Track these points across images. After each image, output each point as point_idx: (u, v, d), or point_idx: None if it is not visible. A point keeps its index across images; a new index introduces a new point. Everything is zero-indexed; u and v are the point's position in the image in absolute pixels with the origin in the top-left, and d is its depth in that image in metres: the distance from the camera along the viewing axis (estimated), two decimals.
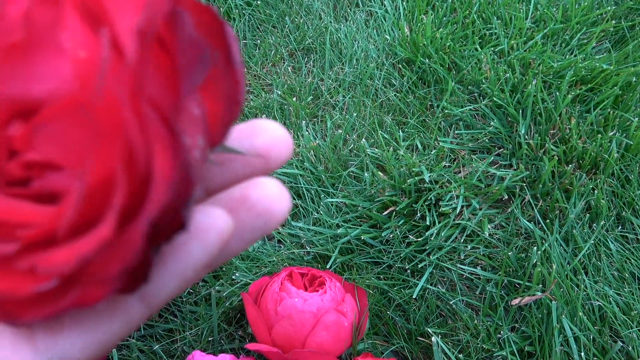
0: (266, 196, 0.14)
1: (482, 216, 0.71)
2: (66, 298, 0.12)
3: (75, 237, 0.12)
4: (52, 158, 0.12)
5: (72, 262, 0.11)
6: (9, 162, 0.12)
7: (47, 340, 0.13)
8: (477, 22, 0.92)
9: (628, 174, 0.74)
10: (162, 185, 0.11)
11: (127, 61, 0.11)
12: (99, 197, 0.12)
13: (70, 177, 0.12)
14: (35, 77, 0.12)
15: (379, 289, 0.66)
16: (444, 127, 0.82)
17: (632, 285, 0.65)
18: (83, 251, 0.11)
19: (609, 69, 0.82)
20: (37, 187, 0.12)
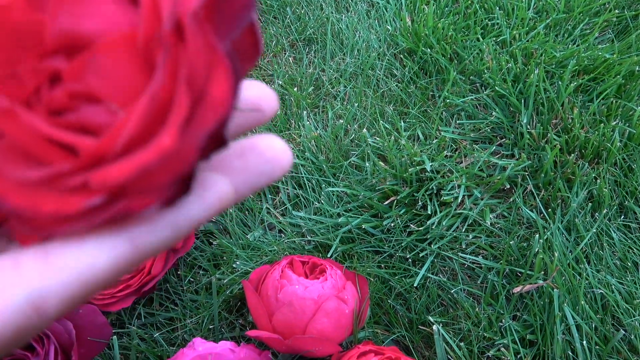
0: (273, 145, 0.15)
1: (483, 206, 0.70)
2: (111, 209, 0.12)
3: (132, 151, 0.12)
4: (98, 91, 0.12)
5: (132, 173, 0.12)
6: (51, 90, 0.13)
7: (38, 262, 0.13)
8: (479, 12, 0.91)
9: (631, 163, 0.73)
10: (220, 103, 0.12)
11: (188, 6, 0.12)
12: (159, 112, 0.12)
13: (110, 112, 0.13)
14: (85, 15, 0.12)
15: (380, 278, 0.66)
16: (446, 117, 0.81)
17: (634, 274, 0.64)
18: (144, 161, 0.12)
19: (612, 59, 0.81)
20: (77, 119, 0.13)
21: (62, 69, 0.13)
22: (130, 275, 0.59)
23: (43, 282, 0.12)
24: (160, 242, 0.13)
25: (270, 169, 0.15)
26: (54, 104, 0.13)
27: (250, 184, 0.15)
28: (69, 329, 0.53)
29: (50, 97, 0.13)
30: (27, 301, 0.12)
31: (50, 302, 0.12)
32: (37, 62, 0.13)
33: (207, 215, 0.14)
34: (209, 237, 0.71)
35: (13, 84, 0.12)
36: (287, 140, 0.79)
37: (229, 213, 0.71)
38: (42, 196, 0.12)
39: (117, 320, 0.64)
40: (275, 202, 0.74)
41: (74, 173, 0.12)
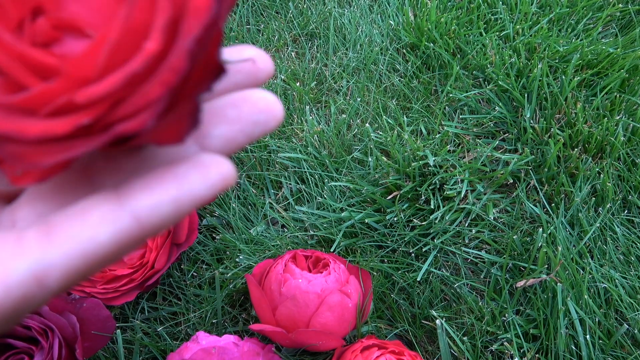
0: (266, 97, 0.16)
1: (486, 200, 0.70)
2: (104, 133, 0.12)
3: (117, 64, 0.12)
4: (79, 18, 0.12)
5: (118, 82, 0.11)
6: (33, 22, 0.12)
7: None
8: (482, 6, 0.91)
9: (634, 157, 0.73)
10: (203, 8, 0.12)
11: None
12: (141, 22, 0.12)
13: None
14: None
15: (383, 272, 0.66)
16: (449, 112, 0.81)
17: (637, 269, 0.64)
18: (129, 69, 0.12)
19: (615, 53, 0.81)
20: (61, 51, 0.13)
21: (44, 3, 0.12)
22: (133, 270, 0.59)
23: (45, 255, 0.12)
24: (163, 218, 0.13)
25: (265, 119, 0.16)
26: (37, 36, 0.13)
27: (246, 132, 0.16)
28: (73, 323, 0.53)
29: (34, 29, 0.12)
30: (29, 273, 0.12)
31: (52, 275, 0.12)
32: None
33: (209, 194, 0.14)
34: (212, 231, 0.71)
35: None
36: (290, 135, 0.79)
37: (232, 208, 0.71)
38: (28, 120, 0.12)
39: (121, 314, 0.64)
40: (278, 197, 0.74)
41: (58, 93, 0.12)
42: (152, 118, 0.12)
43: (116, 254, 0.13)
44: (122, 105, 0.12)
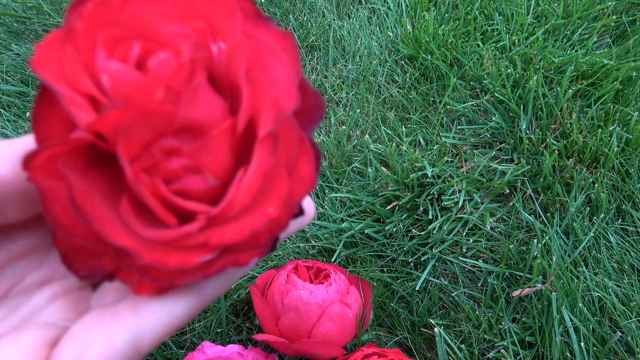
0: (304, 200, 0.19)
1: (484, 210, 0.72)
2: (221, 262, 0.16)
3: (244, 216, 0.16)
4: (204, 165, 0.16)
5: (244, 235, 0.15)
6: (167, 162, 0.16)
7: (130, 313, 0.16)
8: (479, 18, 0.93)
9: (628, 167, 0.75)
10: (308, 180, 0.16)
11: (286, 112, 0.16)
12: (265, 187, 0.16)
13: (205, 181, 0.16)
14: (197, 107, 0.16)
15: (383, 282, 0.67)
16: (446, 122, 0.83)
17: (631, 277, 0.66)
18: (254, 226, 0.15)
19: (610, 64, 0.83)
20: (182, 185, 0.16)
21: (178, 147, 0.16)
22: None
23: (138, 326, 0.16)
24: (219, 292, 0.17)
25: (299, 220, 0.19)
26: (168, 173, 0.16)
27: (286, 232, 0.19)
28: None
29: (167, 168, 0.16)
30: (129, 342, 0.15)
31: (145, 341, 0.16)
32: (162, 140, 0.16)
33: (247, 270, 0.18)
34: None
35: (146, 158, 0.16)
36: None
37: None
38: (169, 253, 0.15)
39: None
40: None
41: (197, 234, 0.15)
42: (258, 256, 0.16)
43: (188, 319, 0.17)
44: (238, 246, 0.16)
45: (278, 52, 0.16)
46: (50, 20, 0.97)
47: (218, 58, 0.16)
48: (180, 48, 0.16)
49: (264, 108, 0.16)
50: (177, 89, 0.15)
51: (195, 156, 0.16)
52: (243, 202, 0.16)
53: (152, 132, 0.16)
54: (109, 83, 0.15)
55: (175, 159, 0.16)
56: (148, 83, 0.15)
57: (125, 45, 0.16)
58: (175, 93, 0.15)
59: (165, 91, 0.15)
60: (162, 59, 0.16)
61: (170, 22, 0.16)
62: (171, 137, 0.16)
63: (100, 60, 0.16)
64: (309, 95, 0.17)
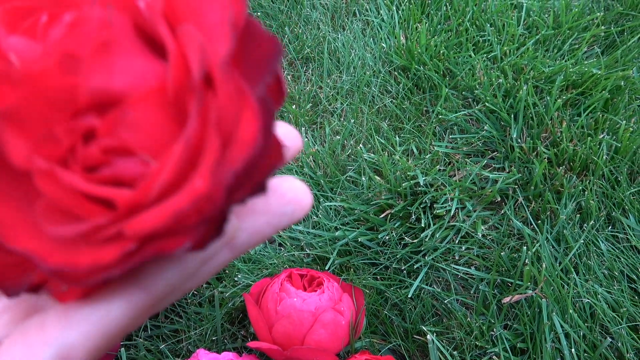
0: (295, 187, 0.16)
1: (475, 218, 0.73)
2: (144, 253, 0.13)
3: (166, 198, 0.13)
4: (130, 144, 0.13)
5: (166, 219, 0.12)
6: (85, 147, 0.13)
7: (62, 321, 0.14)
8: (471, 29, 0.94)
9: (617, 175, 0.76)
10: (247, 144, 0.13)
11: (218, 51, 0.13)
12: (191, 158, 0.13)
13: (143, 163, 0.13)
14: (115, 73, 0.13)
15: (376, 289, 0.68)
16: (439, 131, 0.84)
17: (621, 283, 0.67)
18: (177, 207, 0.12)
19: (599, 74, 0.84)
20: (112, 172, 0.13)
21: (96, 126, 0.13)
22: None
23: (65, 337, 0.13)
24: (170, 283, 0.14)
25: (292, 210, 0.16)
26: (88, 160, 0.13)
27: (273, 224, 0.16)
28: None
29: (85, 154, 0.13)
30: (56, 356, 0.13)
31: (76, 353, 0.14)
32: (71, 121, 0.13)
33: (211, 251, 0.15)
34: None
35: (49, 144, 0.13)
36: None
37: None
38: (79, 251, 0.13)
39: None
40: None
41: (109, 225, 0.13)
42: (190, 243, 0.13)
43: (132, 325, 0.14)
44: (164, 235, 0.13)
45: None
46: None
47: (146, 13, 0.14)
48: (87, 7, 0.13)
49: (190, 60, 0.13)
50: (76, 54, 0.13)
51: (116, 133, 0.13)
52: (165, 179, 0.12)
53: (52, 111, 0.13)
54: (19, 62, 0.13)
55: (94, 142, 0.13)
56: (46, 52, 0.13)
57: (34, 17, 0.14)
58: (74, 60, 0.13)
59: (60, 59, 0.13)
60: (65, 21, 0.13)
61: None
62: (87, 116, 0.13)
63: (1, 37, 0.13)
64: (260, 40, 0.14)
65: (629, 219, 0.72)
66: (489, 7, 0.98)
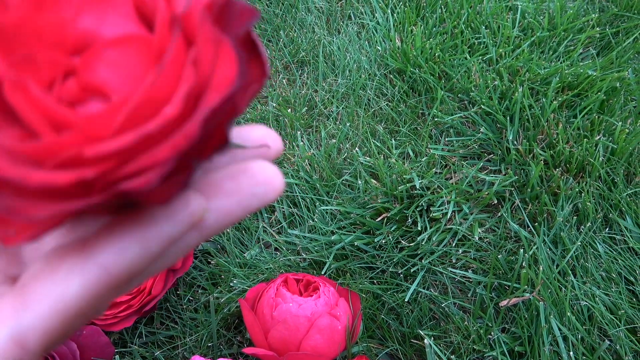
0: (266, 169, 0.16)
1: (472, 221, 0.73)
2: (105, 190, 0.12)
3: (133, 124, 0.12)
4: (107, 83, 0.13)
5: (130, 141, 0.12)
6: (63, 83, 0.13)
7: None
8: (466, 31, 0.94)
9: (614, 176, 0.76)
10: (224, 83, 0.13)
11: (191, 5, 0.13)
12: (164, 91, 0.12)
13: None
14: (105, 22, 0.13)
15: (373, 293, 0.68)
16: (435, 134, 0.84)
17: (619, 285, 0.66)
18: (145, 130, 0.12)
19: (594, 75, 0.84)
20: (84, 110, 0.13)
21: (77, 67, 0.13)
22: (131, 296, 0.62)
23: (20, 319, 0.13)
24: (132, 262, 0.13)
25: (263, 191, 0.15)
26: (64, 95, 0.13)
27: (243, 206, 0.15)
28: (73, 350, 0.55)
29: (62, 89, 0.13)
30: (9, 340, 0.12)
31: (31, 337, 0.13)
32: (55, 55, 0.13)
33: (177, 231, 0.14)
34: (207, 256, 0.73)
35: (28, 66, 0.13)
36: (282, 160, 0.82)
37: (226, 232, 0.74)
38: (33, 170, 0.12)
39: (120, 339, 0.66)
40: (271, 220, 0.77)
41: (68, 146, 0.12)
42: (157, 179, 0.12)
43: (92, 307, 0.13)
44: (128, 164, 0.12)
45: None
46: None
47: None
48: None
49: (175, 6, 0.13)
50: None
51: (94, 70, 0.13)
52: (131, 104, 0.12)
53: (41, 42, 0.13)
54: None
55: (72, 78, 0.13)
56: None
57: None
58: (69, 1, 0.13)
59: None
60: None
61: None
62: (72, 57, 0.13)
63: None
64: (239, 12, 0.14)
65: (626, 220, 0.72)
66: (484, 9, 0.98)
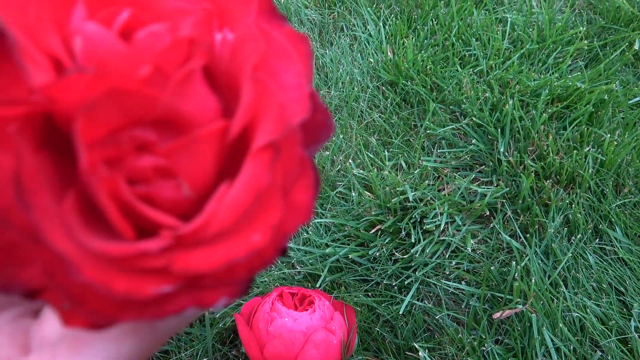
0: None
1: (465, 232, 0.73)
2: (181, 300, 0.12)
3: (221, 242, 0.13)
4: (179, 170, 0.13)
5: (219, 265, 0.12)
6: (137, 158, 0.13)
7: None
8: (457, 44, 0.95)
9: (604, 187, 0.77)
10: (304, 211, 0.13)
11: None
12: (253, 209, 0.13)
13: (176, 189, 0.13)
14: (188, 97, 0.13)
15: (368, 306, 0.68)
16: (428, 146, 0.85)
17: (610, 296, 0.67)
18: (233, 256, 0.12)
19: (583, 87, 0.86)
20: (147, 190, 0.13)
21: (152, 142, 0.13)
22: None
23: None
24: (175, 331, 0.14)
25: None
26: (134, 172, 0.13)
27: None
28: None
29: (134, 165, 0.13)
30: None
31: None
32: (134, 129, 0.13)
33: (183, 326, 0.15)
34: None
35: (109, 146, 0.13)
36: None
37: None
38: (117, 274, 0.12)
39: None
40: None
41: (158, 254, 0.12)
42: (233, 296, 0.12)
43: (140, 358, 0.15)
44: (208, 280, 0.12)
45: (291, 55, 0.14)
46: None
47: (220, 49, 0.14)
48: (179, 24, 0.13)
49: (267, 114, 0.13)
50: (167, 70, 0.13)
51: (172, 157, 0.13)
52: (223, 222, 0.12)
53: (123, 116, 0.13)
54: (82, 47, 0.12)
55: (146, 156, 0.13)
56: (131, 56, 0.13)
57: (112, 7, 0.13)
58: (164, 75, 0.13)
59: (153, 70, 0.12)
60: (154, 31, 0.13)
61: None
62: (147, 128, 0.13)
63: (77, 18, 0.13)
64: (318, 110, 0.15)
65: (616, 231, 0.73)
66: (474, 22, 0.99)
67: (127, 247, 0.12)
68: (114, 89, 0.12)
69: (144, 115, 0.13)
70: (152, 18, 0.13)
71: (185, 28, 0.13)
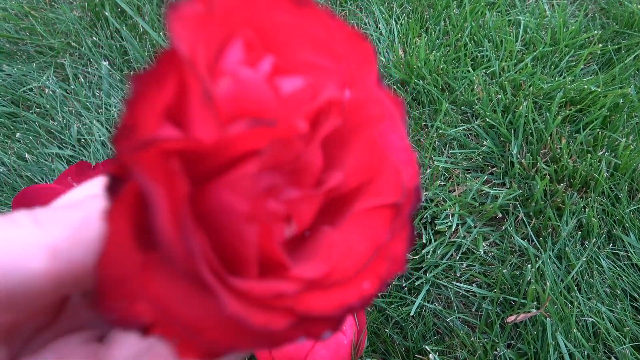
0: None
1: (476, 234, 0.72)
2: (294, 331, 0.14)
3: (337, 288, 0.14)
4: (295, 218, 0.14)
5: (335, 309, 0.14)
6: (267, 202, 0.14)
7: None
8: (469, 44, 0.94)
9: (618, 192, 0.76)
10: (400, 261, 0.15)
11: None
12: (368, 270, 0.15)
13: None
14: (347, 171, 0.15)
15: (377, 307, 0.67)
16: (439, 146, 0.83)
17: (624, 302, 0.66)
18: (347, 302, 0.14)
19: (597, 91, 0.85)
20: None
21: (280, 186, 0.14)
22: None
23: None
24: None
25: None
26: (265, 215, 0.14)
27: None
28: None
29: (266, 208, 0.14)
30: None
31: None
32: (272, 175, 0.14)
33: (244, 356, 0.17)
34: None
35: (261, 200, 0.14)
36: None
37: None
38: (254, 309, 0.13)
39: None
40: None
41: (290, 296, 0.14)
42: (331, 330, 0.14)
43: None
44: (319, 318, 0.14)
45: (397, 118, 0.15)
46: (43, 42, 0.97)
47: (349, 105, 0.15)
48: (319, 82, 0.14)
49: (384, 175, 0.15)
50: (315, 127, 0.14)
51: (294, 205, 0.14)
52: (346, 272, 0.14)
53: (273, 161, 0.14)
54: (230, 89, 0.13)
55: (273, 202, 0.14)
56: (283, 107, 0.13)
57: (256, 53, 0.14)
58: (314, 131, 0.14)
59: (310, 126, 0.14)
60: (298, 85, 0.14)
61: (308, 48, 0.14)
62: (279, 174, 0.14)
63: (232, 60, 0.13)
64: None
65: (630, 236, 0.72)
66: (487, 23, 0.98)
67: (269, 287, 0.13)
68: (280, 139, 0.13)
69: (285, 163, 0.14)
70: (291, 69, 0.14)
71: (330, 89, 0.14)
